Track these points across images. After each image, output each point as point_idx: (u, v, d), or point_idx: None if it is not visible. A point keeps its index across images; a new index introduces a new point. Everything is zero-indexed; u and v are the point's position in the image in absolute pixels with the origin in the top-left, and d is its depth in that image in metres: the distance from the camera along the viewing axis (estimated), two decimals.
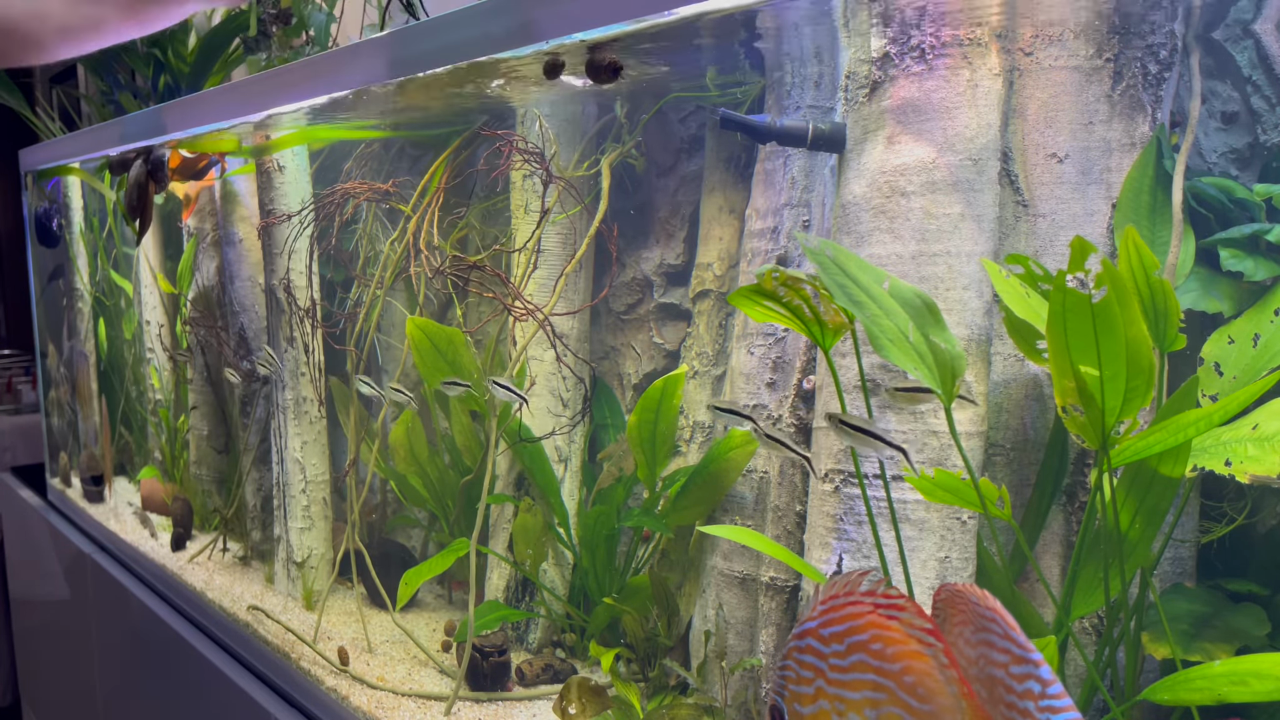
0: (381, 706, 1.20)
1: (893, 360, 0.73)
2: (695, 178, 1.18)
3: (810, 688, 0.62)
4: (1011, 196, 0.89)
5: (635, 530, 1.21)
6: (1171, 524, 0.82)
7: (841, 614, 0.60)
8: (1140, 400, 0.70)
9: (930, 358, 0.73)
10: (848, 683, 0.60)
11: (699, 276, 1.17)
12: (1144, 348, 0.68)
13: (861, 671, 0.59)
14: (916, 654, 0.57)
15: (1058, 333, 0.70)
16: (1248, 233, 0.81)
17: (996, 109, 0.85)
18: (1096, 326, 0.69)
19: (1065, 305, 0.69)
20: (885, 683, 0.58)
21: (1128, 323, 0.68)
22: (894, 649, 0.58)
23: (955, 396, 0.74)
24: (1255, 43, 0.84)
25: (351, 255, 1.54)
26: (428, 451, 1.44)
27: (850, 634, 0.60)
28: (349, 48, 1.04)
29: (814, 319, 0.73)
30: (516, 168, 1.24)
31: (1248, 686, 0.66)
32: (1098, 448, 0.72)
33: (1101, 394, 0.70)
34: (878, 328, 0.73)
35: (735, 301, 0.74)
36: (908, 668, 0.57)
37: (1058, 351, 0.71)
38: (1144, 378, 0.69)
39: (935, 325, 0.74)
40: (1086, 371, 0.70)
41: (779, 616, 1.01)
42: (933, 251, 0.84)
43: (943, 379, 0.74)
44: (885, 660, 0.58)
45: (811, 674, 0.62)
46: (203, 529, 1.94)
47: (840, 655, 0.60)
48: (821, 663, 0.61)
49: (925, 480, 0.76)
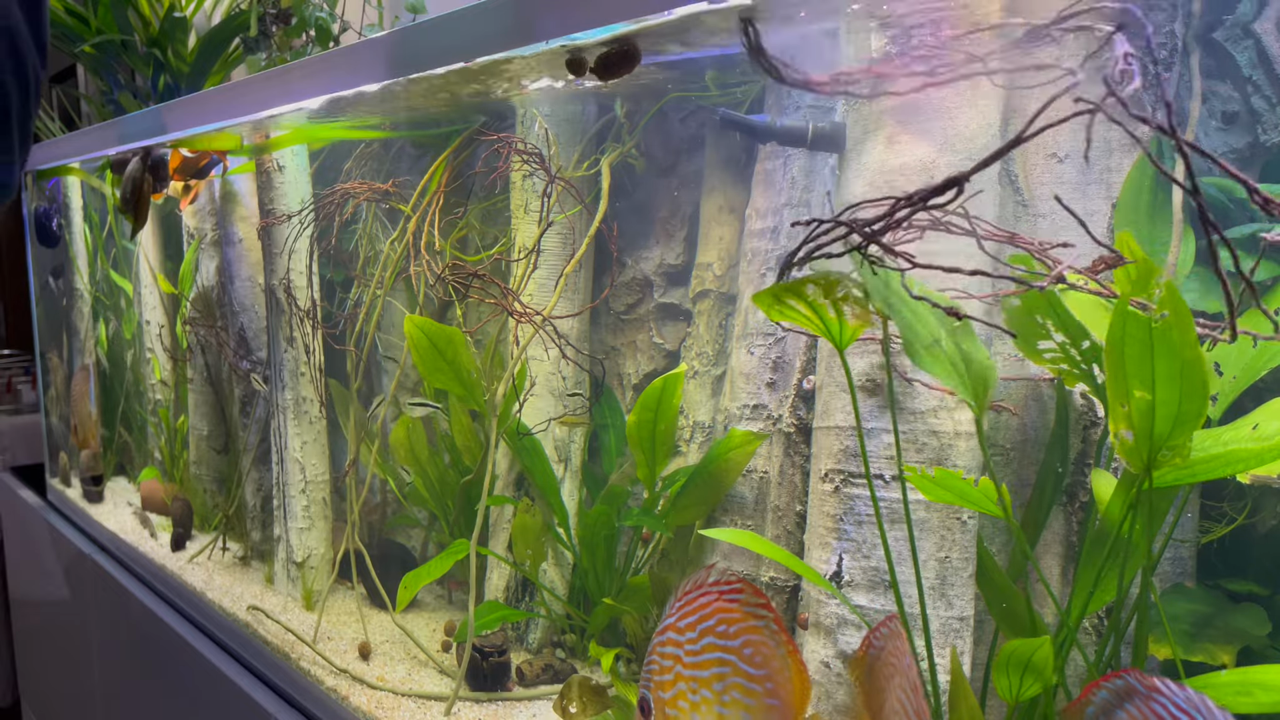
0: (381, 707, 1.20)
1: (924, 367, 0.72)
2: (695, 178, 1.18)
3: (670, 675, 0.71)
4: (1012, 196, 0.89)
5: (635, 530, 1.21)
6: (1172, 524, 0.82)
7: (694, 605, 0.70)
8: (1194, 425, 0.68)
9: (963, 367, 0.73)
10: (700, 664, 0.70)
11: (699, 276, 1.17)
12: (1199, 370, 0.66)
13: (710, 652, 0.70)
14: (753, 628, 0.69)
15: (1115, 356, 0.68)
16: (1248, 233, 0.81)
17: (996, 109, 0.85)
18: (1154, 350, 0.67)
19: (1125, 329, 0.67)
20: (729, 658, 0.69)
21: (1185, 345, 0.66)
22: (735, 627, 0.69)
23: (986, 409, 0.74)
24: (1255, 43, 0.84)
25: (351, 255, 1.54)
26: (428, 451, 1.44)
27: (701, 621, 0.70)
28: (349, 48, 1.04)
29: (836, 319, 0.72)
30: (516, 168, 1.24)
31: (1252, 697, 0.65)
32: (1141, 471, 0.70)
33: (1152, 419, 0.68)
34: (912, 333, 0.72)
35: (759, 302, 0.72)
36: (746, 641, 0.69)
37: (1115, 375, 0.68)
38: (1198, 402, 0.67)
39: (967, 336, 0.74)
40: (1140, 396, 0.68)
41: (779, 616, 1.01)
42: (933, 251, 0.83)
43: (975, 390, 0.73)
44: (729, 639, 0.69)
45: (671, 662, 0.71)
46: (202, 529, 1.94)
47: (693, 641, 0.70)
48: (679, 650, 0.71)
49: (925, 479, 0.75)
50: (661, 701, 0.72)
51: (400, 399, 1.54)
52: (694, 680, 0.70)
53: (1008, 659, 0.70)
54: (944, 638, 0.84)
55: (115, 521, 2.11)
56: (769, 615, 0.68)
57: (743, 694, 0.69)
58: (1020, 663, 0.69)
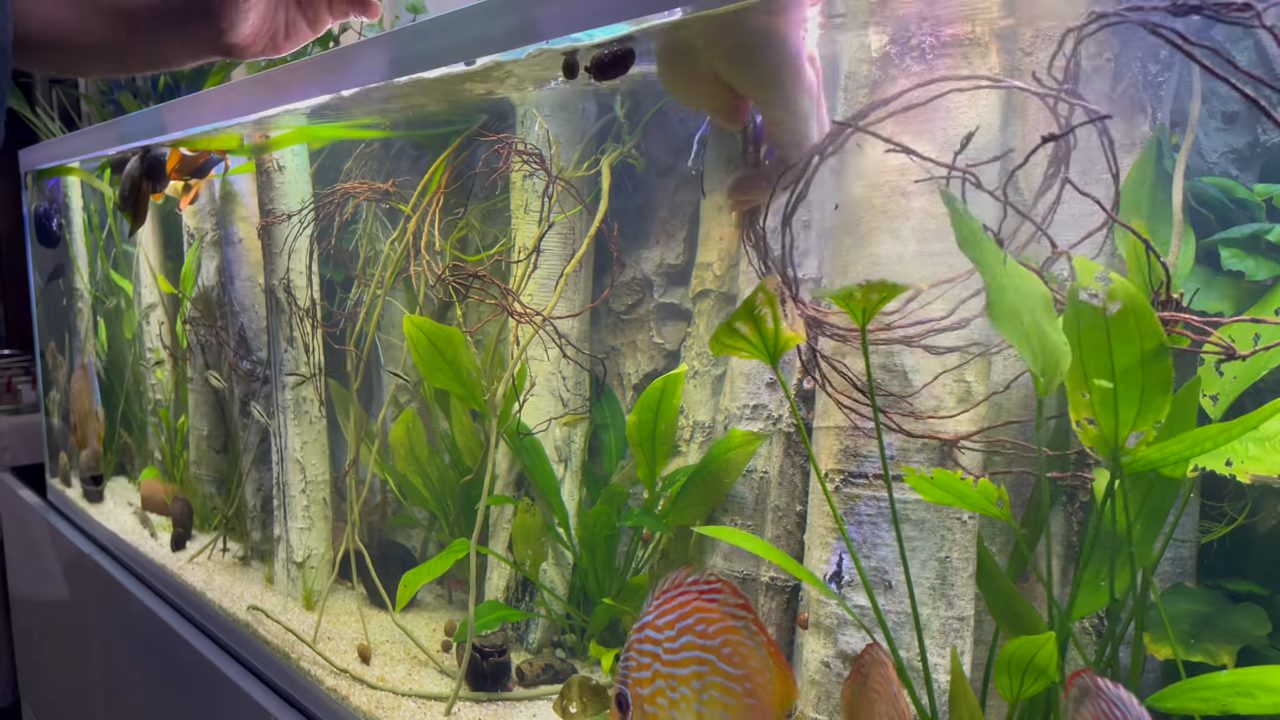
0: (381, 706, 1.20)
1: (1003, 332, 0.70)
2: (695, 177, 1.18)
3: (648, 672, 0.72)
4: (1012, 196, 0.88)
5: (635, 530, 1.21)
6: (1172, 524, 0.82)
7: (672, 604, 0.72)
8: (1156, 414, 0.69)
9: (1038, 344, 0.71)
10: (678, 661, 0.71)
11: (699, 276, 1.17)
12: (1161, 360, 0.67)
13: (689, 650, 0.71)
14: (731, 629, 0.70)
15: (1072, 346, 0.69)
16: (1248, 232, 0.81)
17: (996, 109, 0.85)
18: (1111, 340, 0.68)
19: (1079, 319, 0.68)
20: (707, 656, 0.70)
21: (1144, 336, 0.67)
22: (714, 627, 0.70)
23: (1051, 390, 0.73)
24: (1255, 42, 0.84)
25: (351, 255, 1.54)
26: (428, 451, 1.44)
27: (680, 620, 0.71)
28: (349, 48, 1.04)
29: (773, 332, 0.72)
30: (516, 169, 1.24)
31: (1254, 699, 0.65)
32: (1109, 459, 0.71)
33: (1115, 408, 0.70)
34: (999, 292, 0.69)
35: (715, 349, 0.75)
36: (725, 641, 0.70)
37: (1072, 365, 0.70)
38: (1160, 391, 0.68)
39: (1047, 313, 0.72)
40: (1100, 385, 0.69)
41: (779, 616, 1.01)
42: (933, 251, 0.84)
43: (1046, 368, 0.72)
44: (707, 638, 0.70)
45: (649, 660, 0.72)
46: (203, 529, 1.94)
47: (672, 640, 0.71)
48: (657, 648, 0.72)
49: (924, 480, 0.75)
50: (640, 698, 0.73)
51: (400, 399, 1.54)
52: (672, 678, 0.72)
53: (1009, 658, 0.70)
54: (944, 638, 0.84)
55: (115, 521, 2.11)
56: (748, 616, 0.70)
57: (721, 693, 0.70)
58: (1022, 662, 0.69)
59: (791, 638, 1.01)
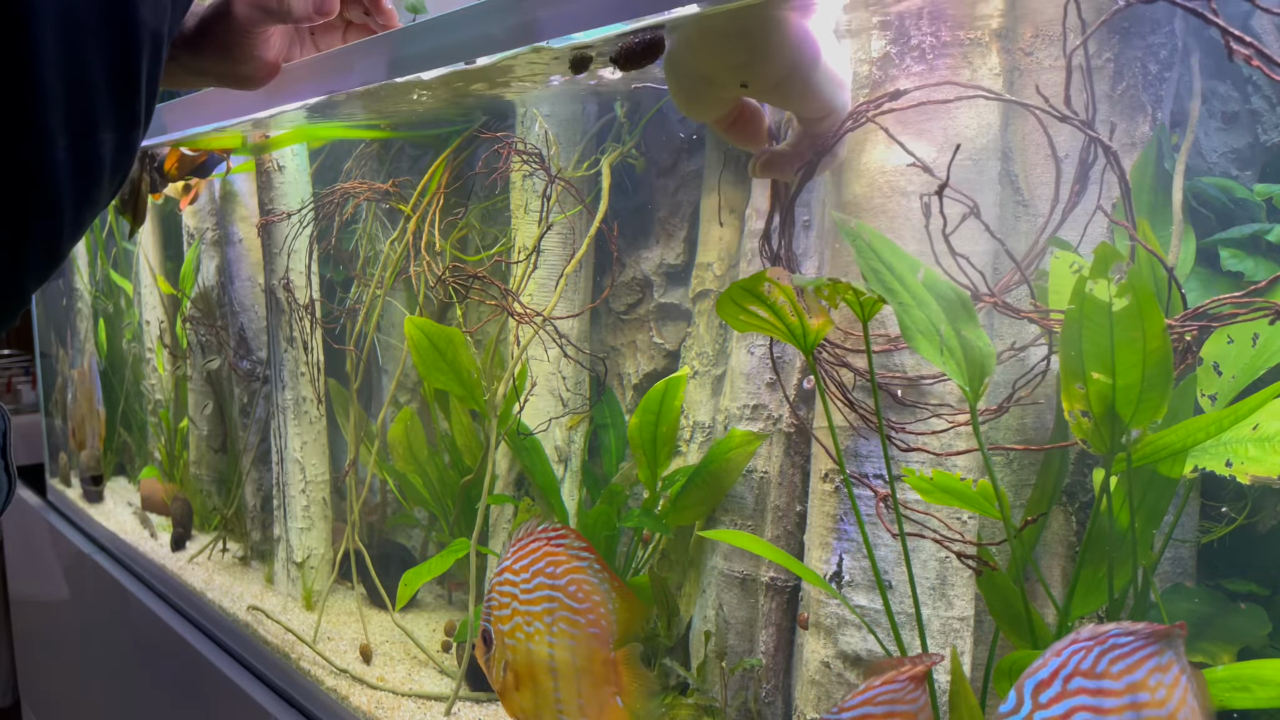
0: (381, 707, 1.20)
1: (921, 352, 0.71)
2: (695, 177, 1.18)
3: (508, 610, 0.84)
4: (1012, 196, 0.88)
5: (635, 531, 1.21)
6: (1171, 524, 0.82)
7: (525, 551, 0.83)
8: (1154, 413, 0.69)
9: (960, 354, 0.72)
10: (532, 600, 0.83)
11: (699, 276, 1.17)
12: (1165, 361, 0.67)
13: (540, 590, 0.82)
14: (576, 569, 0.81)
15: (1072, 338, 0.69)
16: (1248, 233, 0.81)
17: (997, 109, 0.85)
18: (1115, 336, 0.68)
19: (1083, 311, 0.68)
20: (556, 594, 0.82)
21: (1149, 335, 0.67)
22: (561, 568, 0.82)
23: (981, 396, 0.73)
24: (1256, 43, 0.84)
25: (351, 255, 1.54)
26: (427, 451, 1.44)
27: (532, 564, 0.83)
28: (349, 47, 1.03)
29: (799, 322, 0.72)
30: (516, 169, 1.24)
31: (1250, 693, 0.65)
32: (1105, 454, 0.71)
33: (1113, 404, 0.69)
34: (910, 318, 0.71)
35: (723, 313, 0.73)
36: (571, 580, 0.82)
37: (1070, 357, 0.70)
38: (1160, 389, 0.68)
39: (968, 321, 0.73)
40: (1099, 379, 0.69)
41: (779, 616, 1.01)
42: (935, 251, 0.83)
43: (971, 376, 0.73)
44: (556, 579, 0.82)
45: (509, 600, 0.84)
46: (202, 529, 1.94)
47: (527, 581, 0.83)
48: (515, 589, 0.84)
49: (923, 481, 0.75)
50: (501, 633, 0.85)
51: (400, 399, 1.54)
52: (528, 614, 0.84)
53: (1010, 667, 0.70)
54: (944, 638, 0.84)
55: (115, 521, 2.11)
56: (591, 557, 0.82)
57: (568, 625, 0.82)
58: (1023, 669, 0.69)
59: (791, 638, 1.01)
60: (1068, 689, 0.52)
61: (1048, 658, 0.52)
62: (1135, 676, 0.52)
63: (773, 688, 1.01)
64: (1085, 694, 0.51)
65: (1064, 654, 0.52)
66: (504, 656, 0.87)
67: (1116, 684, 0.52)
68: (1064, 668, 0.52)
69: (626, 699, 0.83)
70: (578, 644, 0.82)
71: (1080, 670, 0.52)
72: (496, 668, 0.88)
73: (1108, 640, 0.52)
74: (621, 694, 0.83)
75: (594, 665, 0.83)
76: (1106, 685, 0.52)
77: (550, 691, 0.84)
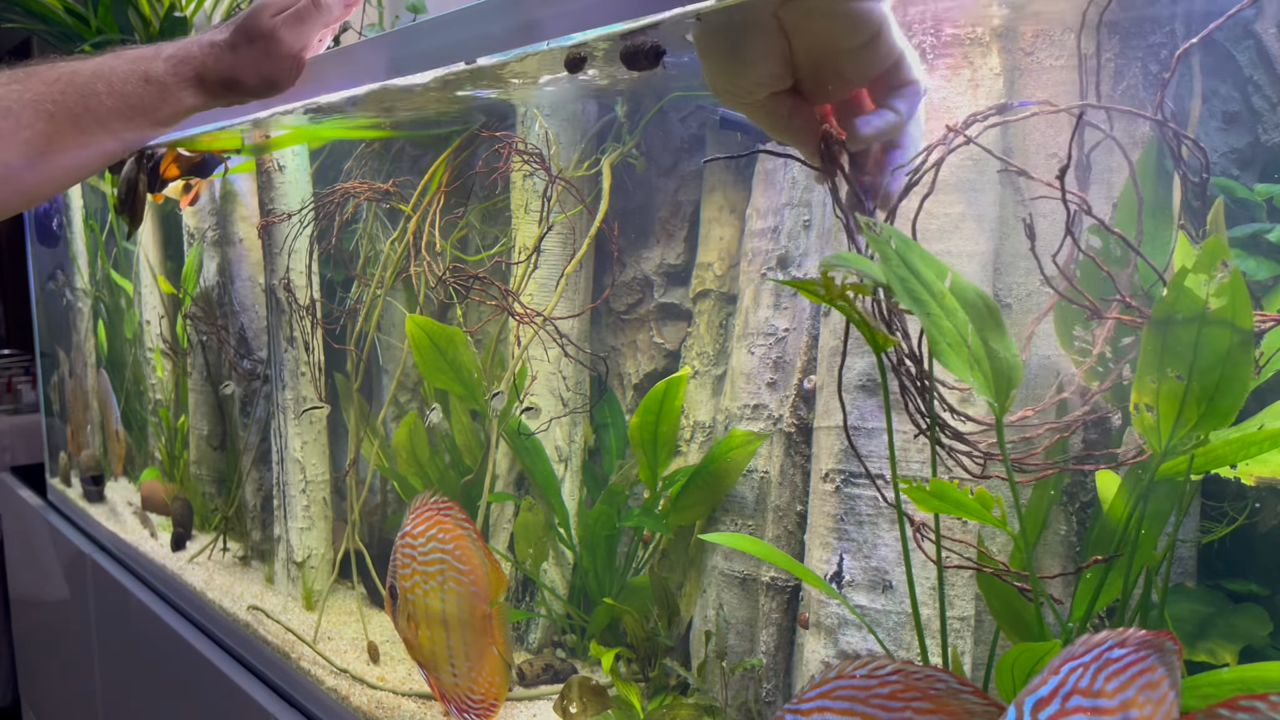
0: (382, 706, 1.20)
1: (949, 366, 0.69)
2: (695, 177, 1.18)
3: (409, 569, 1.03)
4: (1012, 196, 0.88)
5: (635, 530, 1.21)
6: (1175, 525, 0.82)
7: (422, 520, 1.02)
8: (1223, 420, 0.66)
9: (986, 364, 0.69)
10: (428, 561, 1.02)
11: (699, 276, 1.17)
12: (1245, 369, 0.65)
13: (434, 552, 1.01)
14: (460, 536, 1.00)
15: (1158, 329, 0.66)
16: (1248, 232, 0.81)
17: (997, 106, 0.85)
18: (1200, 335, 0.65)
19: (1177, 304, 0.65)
20: (445, 556, 1.01)
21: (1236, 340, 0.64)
22: (449, 535, 1.00)
23: (1008, 409, 0.71)
24: (1256, 42, 0.84)
25: (352, 255, 1.54)
26: (428, 451, 1.44)
27: (427, 530, 1.01)
28: (349, 47, 1.03)
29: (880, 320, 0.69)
30: (517, 168, 1.24)
31: None
32: (1158, 455, 0.69)
33: (1181, 406, 0.67)
34: (938, 329, 0.68)
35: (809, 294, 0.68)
36: (457, 545, 1.00)
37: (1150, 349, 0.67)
38: (1233, 398, 0.65)
39: (995, 330, 0.70)
40: (1172, 377, 0.66)
41: (780, 616, 1.01)
42: (934, 251, 0.83)
43: (998, 388, 0.70)
44: (445, 543, 1.01)
45: (409, 560, 1.03)
46: (203, 529, 1.94)
47: (423, 545, 1.02)
48: (414, 551, 1.03)
49: (919, 490, 0.75)
50: (404, 589, 1.04)
51: (400, 400, 1.54)
52: (424, 573, 1.02)
53: (1013, 662, 0.70)
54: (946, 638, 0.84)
55: (115, 521, 2.11)
56: (470, 526, 1.01)
57: (455, 583, 1.01)
58: (1026, 667, 0.69)
59: (792, 638, 1.01)
60: (1066, 707, 0.52)
61: (1046, 675, 0.53)
62: (1127, 694, 0.53)
63: (773, 688, 1.01)
64: (1083, 713, 0.52)
65: (1062, 671, 0.52)
66: (407, 609, 1.05)
67: (1111, 702, 0.53)
68: (1063, 686, 0.52)
69: (501, 649, 1.02)
70: (463, 599, 1.01)
71: (1079, 689, 0.52)
72: (401, 618, 1.06)
73: (1102, 656, 0.53)
74: (496, 645, 1.02)
75: (475, 618, 1.02)
76: (1102, 704, 0.52)
77: (443, 639, 1.03)
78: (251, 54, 0.93)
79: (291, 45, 0.93)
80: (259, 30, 0.92)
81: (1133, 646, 0.53)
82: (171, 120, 0.94)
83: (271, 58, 0.93)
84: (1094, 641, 0.53)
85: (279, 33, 0.93)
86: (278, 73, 0.94)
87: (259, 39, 0.93)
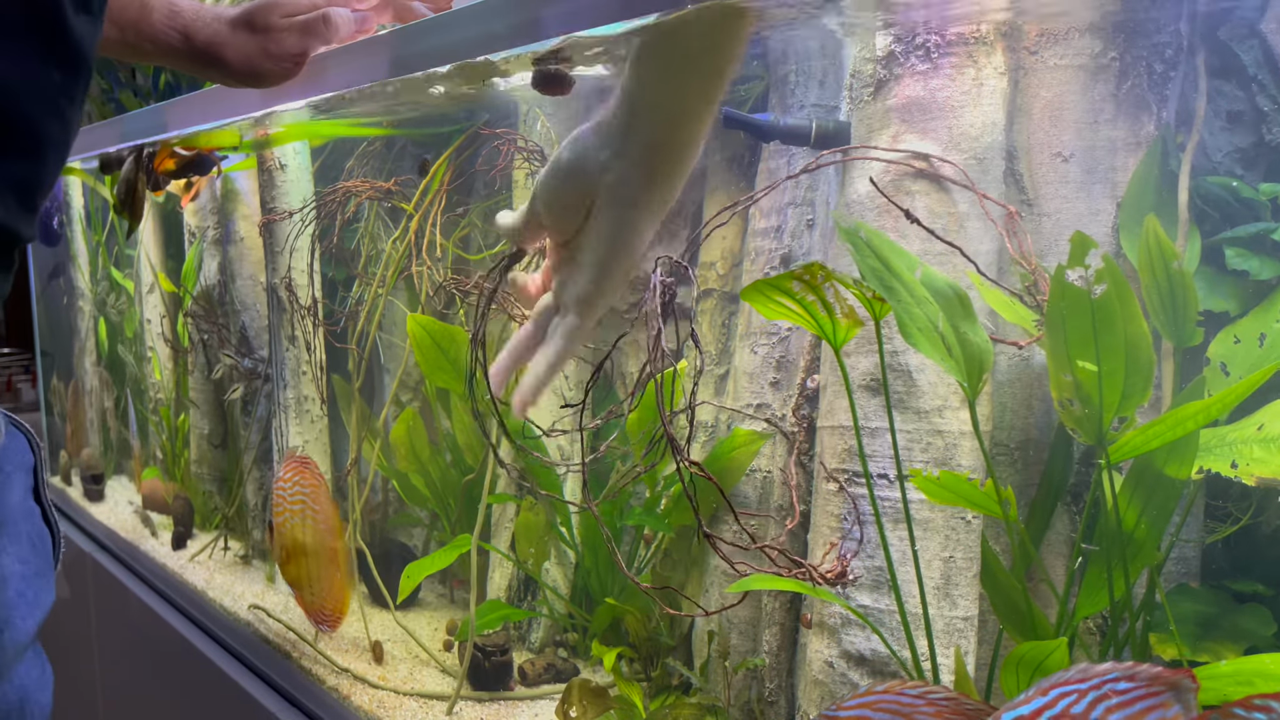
0: (383, 706, 1.20)
1: (921, 350, 0.73)
2: (698, 177, 1.18)
3: (281, 507, 1.29)
4: (1016, 195, 0.88)
5: (637, 530, 1.20)
6: (1178, 525, 0.82)
7: (289, 469, 1.28)
8: (1138, 398, 0.71)
9: (958, 350, 0.73)
10: (293, 501, 1.28)
11: (702, 276, 1.16)
12: (1143, 345, 0.70)
13: (297, 495, 1.28)
14: (315, 483, 1.28)
15: (1056, 327, 0.71)
16: (1253, 231, 0.81)
17: (1001, 108, 0.84)
18: (1096, 322, 0.70)
19: (1064, 300, 0.70)
20: (305, 499, 1.28)
21: (1127, 319, 0.69)
22: (307, 480, 1.28)
23: (980, 391, 0.74)
24: (1261, 42, 0.84)
25: (353, 253, 1.53)
26: (429, 450, 1.44)
27: (293, 477, 1.28)
28: (349, 46, 1.03)
29: (828, 317, 0.72)
30: (518, 167, 1.24)
31: (1253, 687, 0.65)
32: (1094, 443, 0.73)
33: (1100, 390, 0.71)
34: (908, 316, 0.73)
35: (747, 297, 0.74)
36: (312, 489, 1.28)
37: (1056, 346, 0.72)
38: (1142, 375, 0.71)
39: (966, 317, 0.74)
40: (1084, 367, 0.70)
41: (782, 616, 1.01)
42: (937, 250, 0.83)
43: (969, 373, 0.74)
44: (305, 487, 1.28)
45: (281, 501, 1.29)
46: (203, 528, 1.94)
47: (291, 489, 1.28)
48: (285, 494, 1.28)
49: (930, 481, 0.75)
50: (278, 525, 1.29)
51: (402, 399, 1.53)
52: (290, 511, 1.28)
53: (1019, 660, 0.70)
54: (948, 637, 0.84)
55: (116, 520, 2.11)
56: (322, 478, 1.30)
57: (312, 520, 1.28)
58: (1032, 665, 0.69)
59: (795, 637, 1.01)
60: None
61: (1032, 695, 0.46)
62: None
63: (776, 687, 1.01)
64: None
65: (1051, 694, 0.46)
66: (280, 540, 1.30)
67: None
68: (1049, 709, 0.46)
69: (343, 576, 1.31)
70: (318, 534, 1.28)
71: (1070, 716, 0.46)
72: (276, 548, 1.31)
73: (1104, 686, 0.46)
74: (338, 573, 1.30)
75: (325, 550, 1.28)
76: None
77: (305, 566, 1.29)
78: (247, 42, 0.93)
79: (290, 49, 0.94)
80: (263, 24, 0.93)
81: (1143, 681, 0.46)
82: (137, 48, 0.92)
83: (266, 54, 0.93)
84: (1094, 671, 0.47)
85: (281, 35, 0.93)
86: (266, 69, 0.94)
87: (260, 32, 0.93)
